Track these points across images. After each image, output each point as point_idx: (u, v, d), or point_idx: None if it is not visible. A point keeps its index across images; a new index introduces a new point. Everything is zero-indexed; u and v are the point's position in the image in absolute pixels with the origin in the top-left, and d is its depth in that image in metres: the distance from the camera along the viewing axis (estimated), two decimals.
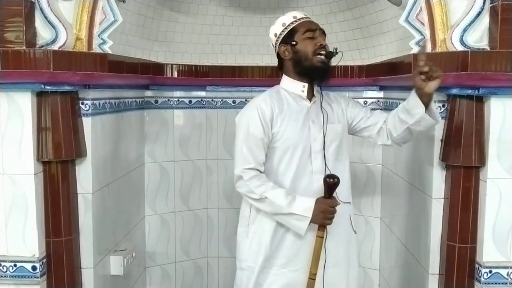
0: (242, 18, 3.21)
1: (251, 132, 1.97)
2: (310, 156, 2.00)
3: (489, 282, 2.00)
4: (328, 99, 2.11)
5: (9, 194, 2.05)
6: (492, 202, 1.98)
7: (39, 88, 2.03)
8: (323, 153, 2.00)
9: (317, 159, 2.00)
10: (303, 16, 2.07)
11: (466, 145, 2.00)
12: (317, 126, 2.02)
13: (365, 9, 2.93)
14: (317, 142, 2.01)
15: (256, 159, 1.97)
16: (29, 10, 1.99)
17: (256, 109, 1.98)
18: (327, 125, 2.03)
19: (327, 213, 1.90)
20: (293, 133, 1.99)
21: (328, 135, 2.02)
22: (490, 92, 1.95)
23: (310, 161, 2.00)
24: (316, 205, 1.90)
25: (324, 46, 1.99)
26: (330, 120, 2.05)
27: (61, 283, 2.16)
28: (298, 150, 1.98)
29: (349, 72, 3.10)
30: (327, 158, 2.01)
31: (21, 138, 2.03)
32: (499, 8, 1.88)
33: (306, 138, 2.00)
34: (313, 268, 1.95)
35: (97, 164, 2.31)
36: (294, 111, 2.02)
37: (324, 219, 1.90)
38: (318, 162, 2.00)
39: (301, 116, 2.02)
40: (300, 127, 2.00)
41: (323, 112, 2.04)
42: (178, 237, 3.31)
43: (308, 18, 2.07)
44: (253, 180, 1.96)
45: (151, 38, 3.02)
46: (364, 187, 3.20)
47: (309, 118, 2.02)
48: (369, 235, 3.21)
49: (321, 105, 2.05)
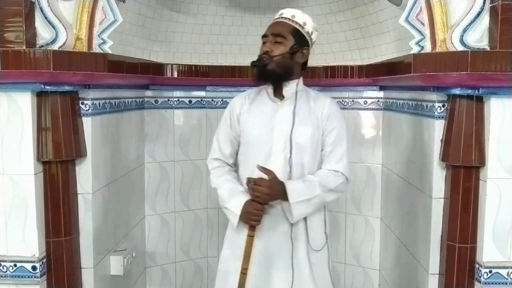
0: (242, 18, 3.21)
1: (221, 126, 2.15)
2: (270, 156, 2.00)
3: (489, 282, 2.00)
4: (309, 101, 2.07)
5: (9, 194, 2.05)
6: (492, 202, 1.98)
7: (39, 88, 2.03)
8: (288, 154, 1.99)
9: (278, 159, 1.99)
10: (277, 16, 2.08)
11: (466, 145, 2.00)
12: (284, 127, 2.00)
13: (365, 9, 2.93)
14: (280, 143, 1.99)
15: (221, 151, 2.13)
16: (29, 10, 1.99)
17: (231, 105, 2.14)
18: (297, 127, 2.00)
19: (250, 215, 1.95)
20: (255, 131, 2.03)
21: (296, 137, 1.99)
22: (490, 92, 1.95)
23: (269, 161, 1.99)
24: (243, 205, 1.98)
25: (265, 52, 1.97)
26: (301, 123, 2.01)
27: (61, 283, 2.16)
28: (259, 148, 2.01)
29: (349, 72, 3.10)
30: (292, 160, 1.99)
31: (21, 138, 2.03)
32: (499, 8, 1.88)
33: (268, 138, 2.00)
34: (244, 263, 1.99)
35: (97, 164, 2.31)
36: (263, 110, 2.05)
37: (249, 220, 1.97)
38: (279, 162, 1.99)
39: (268, 115, 2.03)
40: (263, 126, 2.02)
41: (295, 114, 2.01)
42: (178, 237, 3.31)
43: (278, 19, 2.05)
44: (214, 170, 2.13)
45: (151, 38, 3.02)
46: (364, 187, 3.20)
47: (276, 118, 2.02)
48: (369, 235, 3.21)
49: (295, 107, 2.03)
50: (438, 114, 2.12)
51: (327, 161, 2.04)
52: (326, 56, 3.24)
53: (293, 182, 1.97)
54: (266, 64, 1.96)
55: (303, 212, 1.98)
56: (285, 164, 1.99)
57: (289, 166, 1.99)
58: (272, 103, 2.06)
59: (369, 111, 3.14)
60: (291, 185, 1.94)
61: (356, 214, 3.25)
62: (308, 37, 2.05)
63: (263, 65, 1.96)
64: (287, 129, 2.00)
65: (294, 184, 1.96)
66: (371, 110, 3.14)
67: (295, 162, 1.99)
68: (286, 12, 2.06)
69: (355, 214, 3.26)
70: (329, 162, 2.04)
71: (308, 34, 2.04)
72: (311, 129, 2.02)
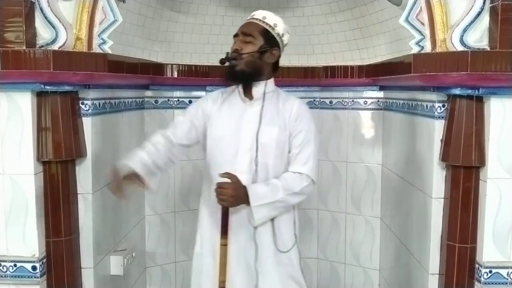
0: (242, 18, 3.19)
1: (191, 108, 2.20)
2: (237, 155, 2.00)
3: (489, 282, 2.00)
4: (277, 102, 2.07)
5: (9, 194, 2.05)
6: (492, 202, 1.98)
7: (39, 88, 2.04)
8: (254, 154, 1.99)
9: (244, 159, 2.00)
10: (248, 18, 2.09)
11: (466, 145, 2.00)
12: (252, 127, 2.01)
13: (365, 9, 2.93)
14: (247, 142, 2.00)
15: (174, 127, 2.15)
16: (29, 10, 1.99)
17: (206, 97, 2.19)
18: (264, 127, 2.00)
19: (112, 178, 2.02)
20: (223, 130, 2.04)
21: (262, 137, 2.00)
22: (490, 92, 1.95)
23: (236, 160, 2.00)
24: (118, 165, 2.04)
25: (235, 50, 1.99)
26: (268, 123, 2.02)
27: (61, 283, 2.16)
28: (226, 147, 2.02)
29: (349, 72, 3.10)
30: (258, 160, 1.99)
31: (21, 138, 2.03)
32: (499, 8, 1.88)
33: (236, 137, 2.01)
34: (221, 275, 1.99)
35: (97, 164, 2.31)
36: (232, 109, 2.06)
37: None
38: (245, 162, 1.99)
39: (237, 115, 2.04)
40: (230, 125, 2.03)
41: (263, 115, 2.02)
42: (178, 237, 3.31)
43: (249, 19, 2.07)
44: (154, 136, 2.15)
45: (151, 38, 3.02)
46: (364, 187, 3.20)
47: (244, 118, 2.03)
48: (369, 235, 3.21)
49: (262, 107, 2.03)
50: (438, 114, 2.12)
51: (294, 163, 2.04)
52: (326, 56, 3.24)
53: (256, 186, 1.97)
54: (235, 65, 1.97)
55: (265, 215, 1.97)
56: (250, 163, 1.99)
57: (255, 166, 1.99)
58: (242, 103, 2.07)
59: (369, 111, 3.14)
60: (253, 188, 1.95)
61: (356, 214, 3.26)
62: (278, 39, 2.05)
63: (232, 65, 1.98)
64: (253, 129, 2.01)
65: (256, 188, 1.96)
66: (371, 110, 3.14)
67: (260, 162, 1.99)
68: (258, 13, 2.07)
69: (355, 214, 3.26)
70: (296, 164, 2.03)
71: (278, 35, 2.05)
72: (277, 130, 2.02)
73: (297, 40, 3.24)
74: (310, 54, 3.28)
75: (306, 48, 3.27)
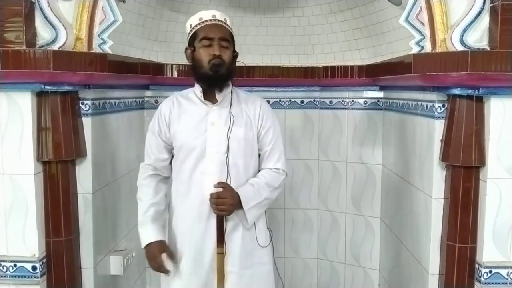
0: (242, 18, 3.21)
1: (150, 131, 2.12)
2: (204, 157, 2.00)
3: (489, 282, 2.00)
4: (241, 102, 2.08)
5: (9, 194, 2.05)
6: (492, 202, 1.98)
7: (39, 88, 2.04)
8: (225, 155, 1.99)
9: (213, 161, 2.00)
10: (209, 18, 2.01)
11: (466, 145, 2.00)
12: (217, 129, 2.01)
13: (365, 9, 2.93)
14: (214, 144, 2.00)
15: (154, 156, 2.11)
16: (29, 10, 1.99)
17: (159, 111, 2.11)
18: (231, 128, 2.01)
19: (150, 262, 2.09)
20: (187, 134, 2.02)
21: (231, 138, 2.00)
22: (490, 92, 1.95)
23: (203, 163, 2.00)
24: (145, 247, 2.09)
25: (218, 56, 1.94)
26: (235, 124, 2.02)
27: (61, 283, 2.16)
28: (192, 150, 2.01)
29: (349, 72, 3.10)
30: (229, 161, 1.99)
31: (21, 138, 2.04)
32: (499, 8, 1.88)
33: (202, 140, 2.01)
34: (219, 284, 2.00)
35: (97, 164, 2.31)
36: (192, 113, 2.05)
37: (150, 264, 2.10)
38: (214, 164, 1.99)
39: (198, 118, 2.03)
40: (195, 129, 2.02)
41: (231, 116, 2.02)
42: None
43: (213, 21, 2.00)
44: (145, 181, 2.13)
45: (151, 38, 3.02)
46: (364, 187, 3.20)
47: (208, 120, 2.02)
48: (369, 235, 3.21)
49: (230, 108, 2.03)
50: (438, 114, 2.12)
51: (268, 160, 2.10)
52: (326, 56, 3.24)
53: (245, 189, 2.00)
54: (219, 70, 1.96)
55: (256, 215, 2.04)
56: (221, 165, 1.99)
57: (226, 167, 1.99)
58: (203, 106, 2.05)
59: (369, 111, 3.14)
60: (243, 192, 1.98)
61: (356, 214, 3.26)
62: None
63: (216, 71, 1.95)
64: (222, 131, 2.01)
65: (246, 191, 1.99)
66: (371, 110, 3.14)
67: (231, 163, 2.00)
68: (219, 14, 2.04)
69: (355, 214, 3.26)
70: (270, 161, 2.10)
71: None
72: (244, 130, 2.04)
73: (297, 40, 3.24)
74: (310, 54, 3.27)
75: (306, 48, 3.27)
